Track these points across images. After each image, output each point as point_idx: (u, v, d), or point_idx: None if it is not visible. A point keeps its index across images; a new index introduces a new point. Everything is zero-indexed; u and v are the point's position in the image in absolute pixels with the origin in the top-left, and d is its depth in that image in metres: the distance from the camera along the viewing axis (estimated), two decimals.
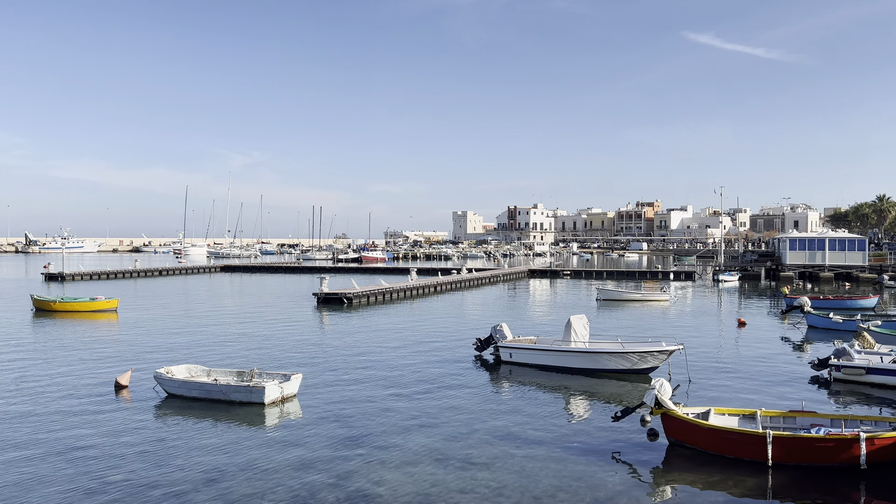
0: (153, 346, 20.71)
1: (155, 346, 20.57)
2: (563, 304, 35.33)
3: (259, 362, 17.97)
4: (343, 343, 21.49)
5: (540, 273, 61.26)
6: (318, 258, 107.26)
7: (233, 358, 18.78)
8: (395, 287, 38.06)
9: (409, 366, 17.86)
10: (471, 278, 48.45)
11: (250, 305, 33.39)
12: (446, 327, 25.30)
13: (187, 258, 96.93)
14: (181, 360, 18.08)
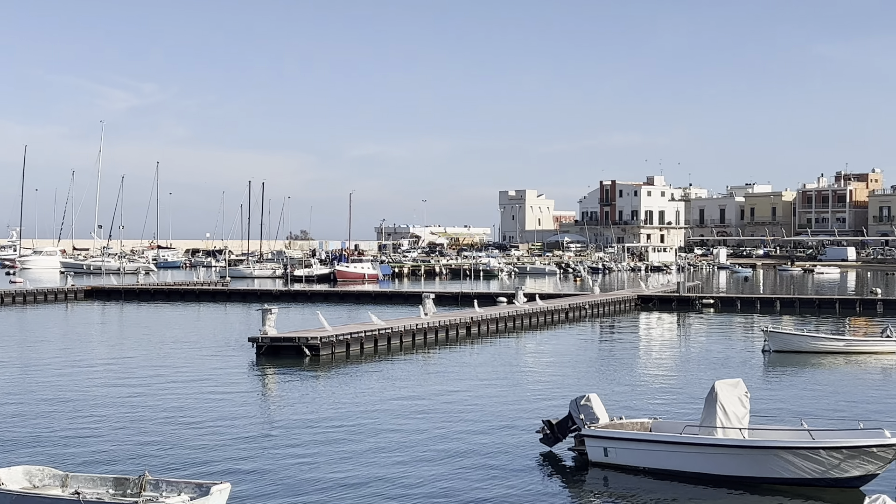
0: None
1: None
2: (703, 358, 35.18)
3: (155, 463, 18.10)
4: (301, 427, 21.61)
5: (659, 302, 61.21)
6: (258, 274, 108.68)
7: (109, 455, 18.93)
8: (396, 326, 38.26)
9: (419, 474, 17.87)
10: (532, 312, 48.57)
11: (139, 359, 33.77)
12: (488, 400, 25.31)
13: (26, 275, 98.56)
14: (18, 458, 18.28)
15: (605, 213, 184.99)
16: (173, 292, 69.57)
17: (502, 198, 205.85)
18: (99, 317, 55.18)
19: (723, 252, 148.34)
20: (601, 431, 18.38)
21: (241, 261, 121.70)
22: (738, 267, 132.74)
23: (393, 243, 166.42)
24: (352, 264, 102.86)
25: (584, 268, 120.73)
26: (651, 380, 29.78)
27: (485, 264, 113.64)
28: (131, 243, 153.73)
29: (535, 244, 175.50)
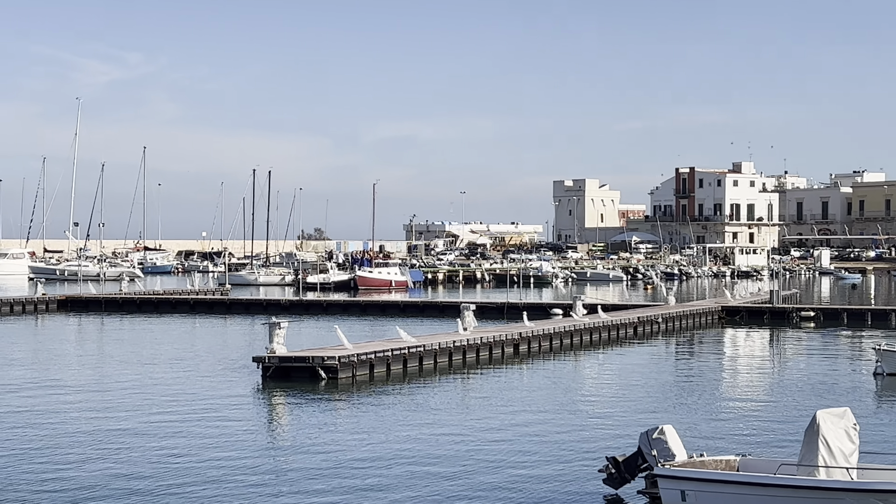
0: None
1: None
2: (802, 383, 34.98)
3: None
4: (316, 465, 21.67)
5: (748, 315, 60.88)
6: (264, 281, 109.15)
7: (90, 495, 19.07)
8: (429, 344, 38.30)
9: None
10: (594, 326, 48.46)
11: (123, 384, 34.00)
12: (541, 433, 25.29)
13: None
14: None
15: (682, 208, 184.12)
16: (163, 303, 70.08)
17: (557, 189, 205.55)
18: (75, 332, 55.68)
19: (825, 254, 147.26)
20: (678, 471, 18.26)
21: (244, 265, 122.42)
22: (845, 272, 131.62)
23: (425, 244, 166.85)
24: (376, 269, 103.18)
25: (657, 273, 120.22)
26: (738, 409, 29.61)
27: (536, 269, 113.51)
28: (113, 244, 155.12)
29: (596, 245, 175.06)
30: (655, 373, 38.13)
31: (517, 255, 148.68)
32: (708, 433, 25.08)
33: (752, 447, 22.60)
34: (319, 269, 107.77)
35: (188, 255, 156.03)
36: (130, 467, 21.32)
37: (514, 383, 35.11)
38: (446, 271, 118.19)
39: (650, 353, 45.17)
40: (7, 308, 66.01)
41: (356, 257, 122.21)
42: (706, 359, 43.57)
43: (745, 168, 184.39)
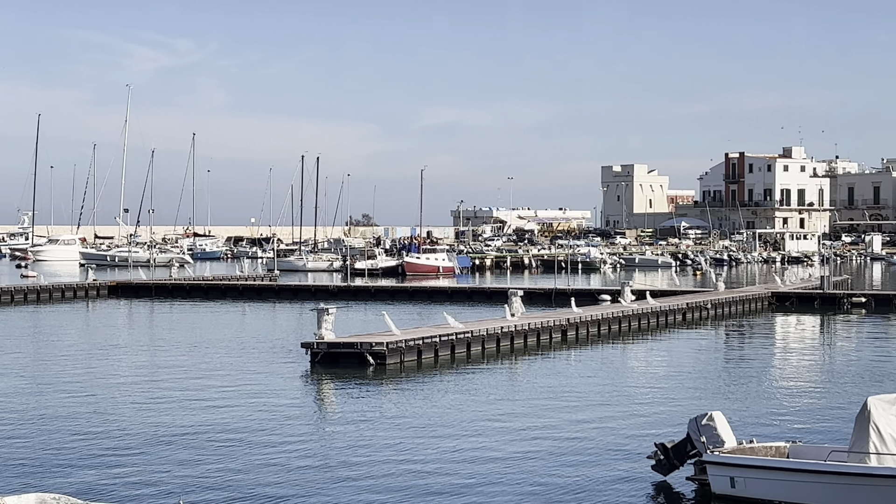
0: None
1: None
2: (852, 369, 34.73)
3: (192, 493, 18.40)
4: (364, 450, 21.81)
5: (798, 301, 60.47)
6: (312, 267, 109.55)
7: (137, 482, 19.25)
8: (477, 330, 38.35)
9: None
10: (642, 313, 48.32)
11: (172, 369, 34.32)
12: (588, 420, 25.30)
13: (40, 268, 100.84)
14: (30, 484, 18.73)
15: (732, 193, 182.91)
16: (212, 288, 70.56)
17: (605, 174, 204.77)
18: (125, 318, 56.23)
19: (877, 240, 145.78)
20: (727, 457, 18.24)
21: (293, 251, 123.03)
22: None
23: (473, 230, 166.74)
24: (423, 255, 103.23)
25: (706, 259, 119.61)
26: (788, 395, 29.46)
27: (584, 255, 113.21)
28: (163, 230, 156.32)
29: (645, 230, 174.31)
30: (704, 359, 37.99)
31: (565, 240, 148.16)
32: (758, 420, 24.97)
33: (803, 434, 22.49)
34: (367, 255, 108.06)
35: (237, 241, 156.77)
36: (180, 451, 21.53)
37: (562, 370, 35.10)
38: (494, 257, 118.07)
39: (699, 340, 44.98)
40: (59, 294, 66.73)
41: (404, 243, 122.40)
42: (756, 345, 43.35)
43: (795, 153, 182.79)
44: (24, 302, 63.37)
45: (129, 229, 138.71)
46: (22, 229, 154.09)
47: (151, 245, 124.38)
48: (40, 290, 66.34)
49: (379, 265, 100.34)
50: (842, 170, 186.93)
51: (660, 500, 18.34)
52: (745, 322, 52.43)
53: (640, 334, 45.75)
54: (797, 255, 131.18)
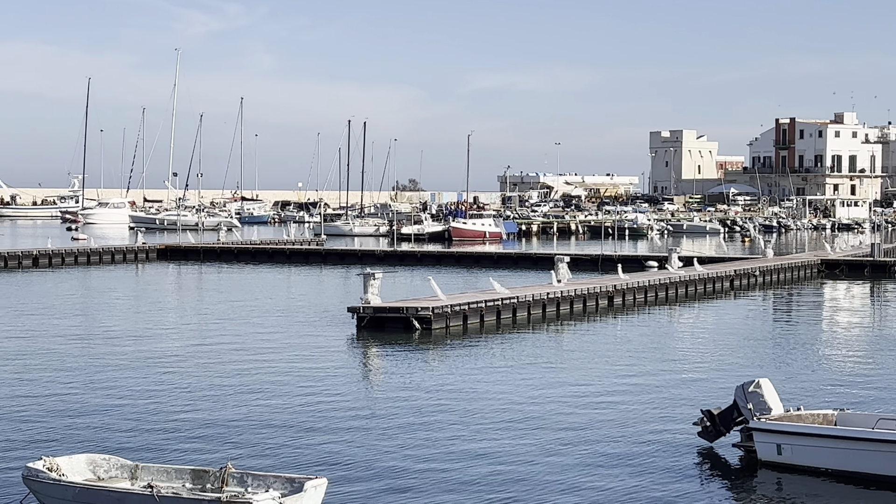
0: (22, 416, 21.70)
1: (26, 417, 21.54)
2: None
3: (239, 453, 18.56)
4: (409, 414, 21.88)
5: (848, 268, 60.00)
6: (358, 232, 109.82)
7: (184, 443, 19.42)
8: (523, 296, 38.33)
9: (549, 473, 17.92)
10: (689, 279, 48.11)
11: (220, 332, 34.59)
12: (634, 386, 25.25)
13: (90, 231, 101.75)
14: (80, 445, 18.94)
15: (782, 159, 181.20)
16: (260, 252, 70.97)
17: (653, 140, 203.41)
18: (174, 280, 56.67)
19: None
20: (774, 424, 18.15)
21: (339, 216, 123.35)
22: None
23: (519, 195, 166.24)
24: (470, 220, 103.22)
25: (755, 226, 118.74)
26: (836, 363, 29.27)
27: (631, 221, 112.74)
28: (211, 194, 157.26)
29: (693, 196, 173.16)
30: (752, 326, 37.79)
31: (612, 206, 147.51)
32: (805, 387, 24.84)
33: (850, 402, 22.34)
34: (414, 220, 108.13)
35: (284, 206, 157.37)
36: (227, 413, 21.69)
37: (608, 336, 35.04)
38: (540, 223, 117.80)
39: (747, 307, 44.74)
40: (108, 257, 67.35)
41: (450, 209, 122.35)
42: (804, 312, 43.05)
43: (847, 118, 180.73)
44: (74, 264, 64.06)
45: (178, 193, 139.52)
46: (72, 192, 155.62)
47: (200, 209, 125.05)
48: (90, 252, 67.04)
49: (425, 230, 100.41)
50: (894, 136, 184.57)
51: (706, 466, 18.29)
52: (793, 289, 52.08)
53: (687, 301, 45.56)
54: (847, 222, 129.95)
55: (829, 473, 17.47)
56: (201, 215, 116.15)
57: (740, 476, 17.92)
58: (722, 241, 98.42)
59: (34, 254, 63.70)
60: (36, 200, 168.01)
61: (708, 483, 17.54)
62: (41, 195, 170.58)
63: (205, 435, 19.88)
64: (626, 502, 16.11)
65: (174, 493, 14.68)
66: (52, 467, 15.45)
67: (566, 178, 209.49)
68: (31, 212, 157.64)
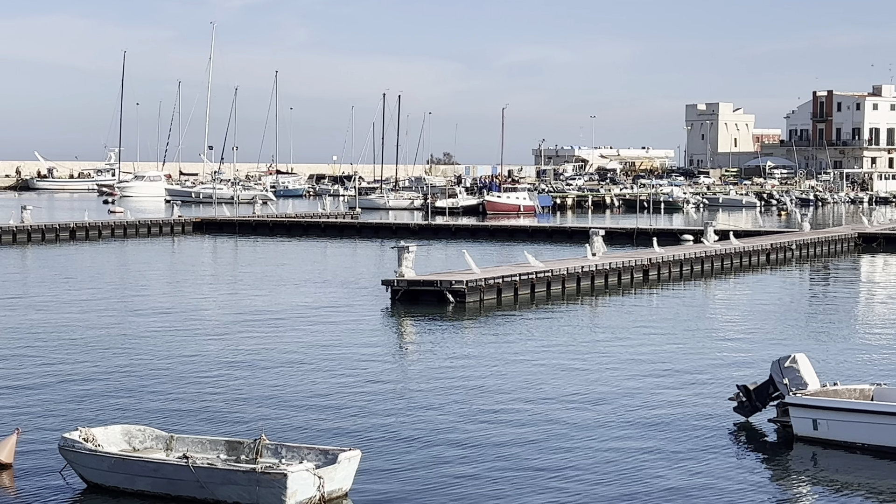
0: (59, 387, 21.86)
1: (62, 389, 21.70)
2: None
3: (273, 425, 18.63)
4: (443, 387, 21.89)
5: (886, 242, 59.58)
6: (393, 205, 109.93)
7: (219, 414, 19.54)
8: (557, 269, 38.25)
9: (584, 446, 17.89)
10: (725, 253, 47.89)
11: (255, 304, 34.73)
12: (669, 360, 25.16)
13: (127, 204, 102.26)
14: (115, 416, 19.06)
15: (819, 132, 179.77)
16: (295, 226, 71.13)
17: (689, 113, 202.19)
18: (209, 253, 56.93)
19: None
20: (810, 399, 18.06)
21: (374, 189, 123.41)
22: None
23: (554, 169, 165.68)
24: (504, 194, 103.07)
25: (791, 199, 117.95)
26: (874, 338, 29.05)
27: (667, 194, 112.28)
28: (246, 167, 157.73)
29: (729, 170, 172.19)
30: (788, 300, 37.58)
31: (647, 180, 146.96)
32: (842, 362, 24.67)
33: (888, 377, 22.16)
34: (448, 194, 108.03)
35: (319, 179, 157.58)
36: (261, 385, 21.77)
37: (644, 310, 34.92)
38: (575, 196, 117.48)
39: (783, 281, 44.48)
40: (145, 230, 67.76)
41: (484, 182, 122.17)
42: (841, 286, 42.77)
43: (885, 91, 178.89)
44: (111, 237, 64.48)
45: (213, 166, 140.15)
46: (109, 165, 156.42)
47: (235, 182, 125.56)
48: (127, 225, 67.47)
49: (460, 203, 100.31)
50: None
51: (742, 441, 18.22)
52: (830, 263, 51.73)
53: (723, 275, 45.33)
54: (885, 196, 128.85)
55: (866, 449, 17.35)
56: (237, 188, 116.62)
57: (776, 451, 17.84)
58: (758, 215, 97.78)
59: (71, 226, 64.15)
60: (73, 173, 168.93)
61: (743, 458, 17.46)
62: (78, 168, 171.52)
63: (239, 406, 19.97)
64: (662, 476, 16.06)
65: (209, 464, 14.78)
66: (88, 438, 15.58)
67: (601, 151, 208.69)
68: (68, 185, 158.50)
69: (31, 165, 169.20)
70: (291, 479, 14.04)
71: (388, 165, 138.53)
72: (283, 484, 14.00)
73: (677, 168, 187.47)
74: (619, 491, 15.37)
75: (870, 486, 15.98)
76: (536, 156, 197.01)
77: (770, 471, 16.93)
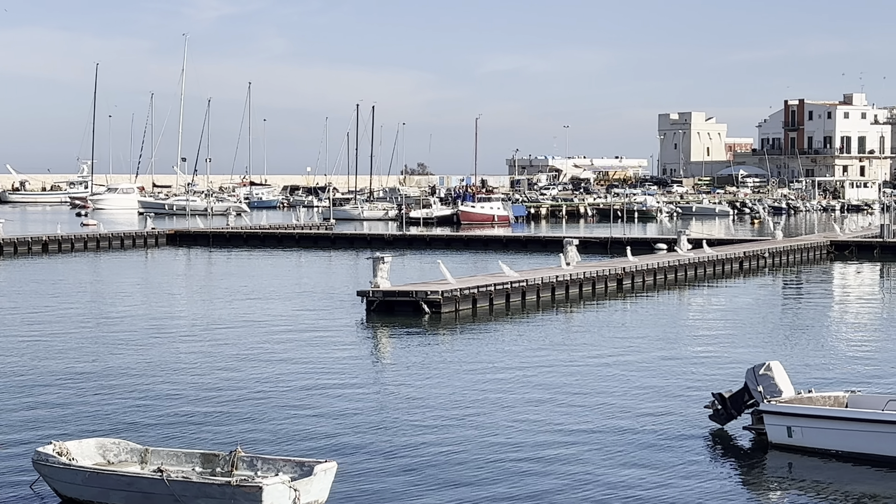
0: (32, 401, 21.72)
1: (35, 402, 21.57)
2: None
3: (248, 437, 18.55)
4: (419, 398, 21.86)
5: (858, 249, 59.85)
6: (367, 216, 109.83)
7: (194, 427, 19.46)
8: (532, 279, 38.28)
9: (560, 455, 17.89)
10: (699, 261, 48.02)
11: (229, 316, 34.59)
12: (644, 369, 25.20)
13: (100, 216, 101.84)
14: (90, 429, 18.95)
15: (791, 140, 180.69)
16: (269, 237, 70.93)
17: (662, 122, 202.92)
18: (183, 265, 56.72)
19: None
20: (785, 407, 18.12)
21: (348, 200, 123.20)
22: None
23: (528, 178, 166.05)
24: (479, 204, 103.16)
25: (764, 207, 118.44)
26: (847, 345, 29.19)
27: (640, 203, 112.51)
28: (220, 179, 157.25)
29: (702, 178, 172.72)
30: (762, 308, 37.70)
31: (621, 189, 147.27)
32: (816, 369, 24.77)
33: (861, 384, 22.27)
34: (422, 204, 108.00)
35: (293, 190, 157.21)
36: (236, 398, 21.67)
37: (618, 319, 34.97)
38: (549, 206, 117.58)
39: (757, 289, 44.63)
40: (118, 242, 67.38)
41: (459, 192, 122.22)
42: (814, 294, 42.94)
43: (856, 100, 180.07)
44: (83, 250, 64.08)
45: (187, 178, 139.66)
46: (81, 178, 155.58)
47: (209, 194, 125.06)
48: (100, 238, 67.08)
49: (434, 214, 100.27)
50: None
51: (717, 449, 18.25)
52: (803, 271, 51.96)
53: (697, 283, 45.46)
54: (857, 204, 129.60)
55: (840, 456, 17.42)
56: (210, 200, 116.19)
57: (751, 458, 17.90)
58: (731, 223, 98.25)
59: (44, 239, 63.70)
60: (45, 186, 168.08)
61: (719, 465, 17.50)
62: (50, 181, 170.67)
63: (214, 419, 19.88)
64: (638, 484, 16.08)
65: (184, 477, 14.70)
66: (62, 451, 15.48)
67: (575, 160, 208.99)
68: (41, 197, 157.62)
69: (3, 178, 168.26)
70: (267, 492, 13.96)
71: (363, 176, 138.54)
72: (259, 497, 13.93)
73: (650, 177, 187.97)
74: (594, 499, 15.39)
75: (844, 493, 16.04)
76: (510, 166, 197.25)
77: (745, 478, 16.98)
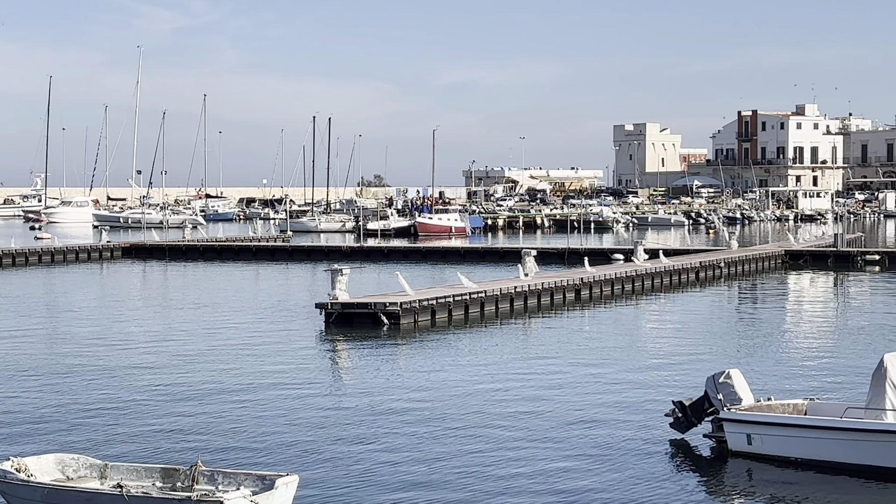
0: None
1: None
2: (868, 327, 34.63)
3: (209, 451, 18.44)
4: (379, 410, 21.81)
5: (812, 259, 60.40)
6: (324, 228, 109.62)
7: (153, 442, 19.32)
8: (490, 290, 38.33)
9: (521, 466, 17.90)
10: (655, 271, 48.25)
11: (187, 329, 34.37)
12: (604, 378, 25.27)
13: (54, 230, 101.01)
14: (48, 445, 18.77)
15: (745, 151, 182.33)
16: (226, 250, 70.63)
17: (617, 133, 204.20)
18: (139, 279, 56.34)
19: (891, 197, 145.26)
20: (744, 415, 18.21)
21: (305, 212, 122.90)
22: None
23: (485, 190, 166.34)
24: (436, 215, 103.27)
25: (719, 217, 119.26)
26: (804, 353, 29.40)
27: (596, 214, 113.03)
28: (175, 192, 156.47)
29: (657, 189, 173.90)
30: (720, 317, 37.95)
31: (577, 200, 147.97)
32: (775, 377, 24.91)
33: (820, 391, 22.43)
34: (379, 216, 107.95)
35: (249, 203, 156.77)
36: (195, 411, 21.54)
37: (576, 329, 35.07)
38: (506, 217, 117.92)
39: (713, 298, 44.92)
40: (72, 255, 66.80)
41: (416, 204, 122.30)
42: (770, 303, 43.28)
43: (808, 110, 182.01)
44: (38, 264, 63.48)
45: (142, 191, 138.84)
46: (35, 191, 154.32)
47: (164, 206, 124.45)
48: (54, 251, 66.51)
49: (391, 225, 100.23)
50: (855, 127, 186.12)
51: (677, 457, 18.32)
52: (758, 280, 52.34)
53: (654, 293, 45.69)
54: (810, 213, 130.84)
55: (799, 463, 17.54)
56: (166, 213, 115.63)
57: (711, 466, 17.97)
58: (686, 233, 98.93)
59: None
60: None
61: (679, 473, 17.55)
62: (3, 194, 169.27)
63: (174, 433, 19.74)
64: (598, 494, 16.11)
65: (144, 493, 14.57)
66: (21, 468, 15.31)
67: (531, 172, 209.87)
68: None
69: None
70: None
71: (319, 188, 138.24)
72: None
73: (606, 188, 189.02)
74: None
75: (803, 499, 16.16)
76: (467, 177, 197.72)
77: (705, 486, 17.05)
